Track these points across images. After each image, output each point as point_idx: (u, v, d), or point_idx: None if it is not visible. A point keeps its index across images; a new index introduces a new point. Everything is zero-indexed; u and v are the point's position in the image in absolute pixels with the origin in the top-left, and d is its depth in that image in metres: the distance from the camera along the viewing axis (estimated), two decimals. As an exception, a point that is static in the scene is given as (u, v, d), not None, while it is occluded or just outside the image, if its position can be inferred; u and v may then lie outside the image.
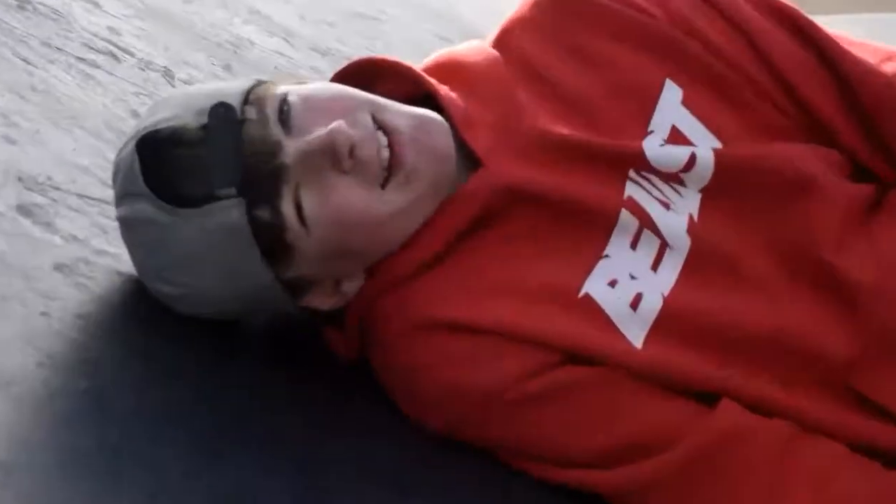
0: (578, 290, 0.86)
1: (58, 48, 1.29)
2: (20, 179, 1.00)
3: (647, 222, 0.87)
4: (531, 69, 0.93)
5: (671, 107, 0.90)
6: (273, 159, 0.80)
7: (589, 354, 0.85)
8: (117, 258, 0.95)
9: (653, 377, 0.85)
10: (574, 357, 0.85)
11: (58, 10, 1.38)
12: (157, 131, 0.83)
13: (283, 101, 0.83)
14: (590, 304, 0.86)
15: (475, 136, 0.89)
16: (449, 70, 0.97)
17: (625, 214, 0.87)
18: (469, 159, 0.88)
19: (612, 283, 0.86)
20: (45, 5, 1.37)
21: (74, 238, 0.96)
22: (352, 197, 0.82)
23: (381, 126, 0.85)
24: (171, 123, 0.83)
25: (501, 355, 0.85)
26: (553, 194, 0.87)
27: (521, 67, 0.93)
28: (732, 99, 0.91)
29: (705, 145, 0.88)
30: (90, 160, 1.08)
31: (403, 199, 0.84)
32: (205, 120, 0.81)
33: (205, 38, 1.53)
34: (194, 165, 0.80)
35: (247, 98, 0.83)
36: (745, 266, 0.86)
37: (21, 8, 1.33)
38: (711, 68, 0.91)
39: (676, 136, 0.89)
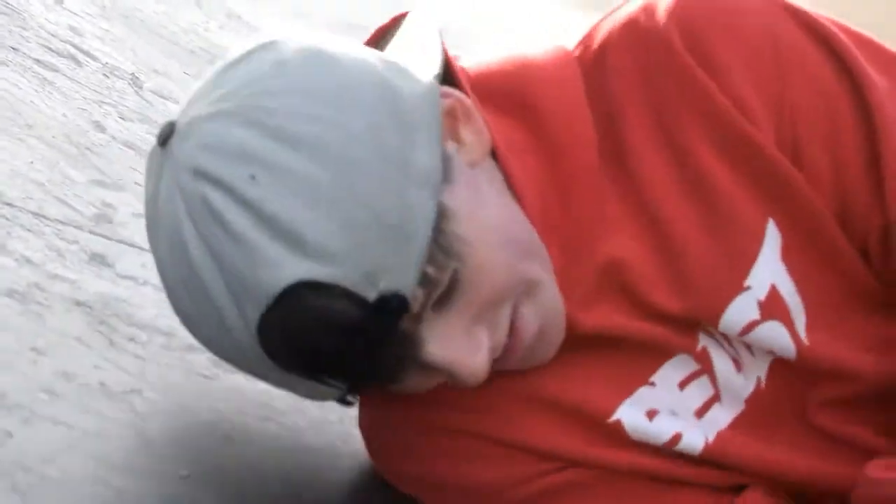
0: (610, 414, 0.78)
1: (12, 48, 1.20)
2: None
3: (708, 370, 0.78)
4: (622, 151, 0.78)
5: (770, 260, 0.76)
6: (404, 358, 0.70)
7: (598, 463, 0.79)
8: (74, 285, 0.88)
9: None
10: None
11: (11, 5, 1.29)
12: (304, 293, 0.66)
13: (454, 278, 0.70)
14: (618, 433, 0.78)
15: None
16: (517, 109, 0.81)
17: (684, 356, 0.78)
18: None
19: (651, 415, 0.78)
20: (-5, -2, 1.30)
21: (28, 261, 0.89)
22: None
23: (512, 322, 0.74)
24: (333, 281, 0.65)
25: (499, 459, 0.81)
26: (618, 334, 0.78)
27: (611, 137, 0.78)
28: (825, 255, 0.77)
29: (798, 321, 0.77)
30: (47, 175, 1.00)
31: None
32: (374, 296, 0.66)
33: (176, 43, 1.45)
34: (339, 357, 0.68)
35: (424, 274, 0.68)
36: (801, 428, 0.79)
37: (-33, 1, 1.26)
38: (813, 213, 0.75)
39: (775, 301, 0.76)
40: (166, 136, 0.68)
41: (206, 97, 0.69)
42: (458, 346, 0.71)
